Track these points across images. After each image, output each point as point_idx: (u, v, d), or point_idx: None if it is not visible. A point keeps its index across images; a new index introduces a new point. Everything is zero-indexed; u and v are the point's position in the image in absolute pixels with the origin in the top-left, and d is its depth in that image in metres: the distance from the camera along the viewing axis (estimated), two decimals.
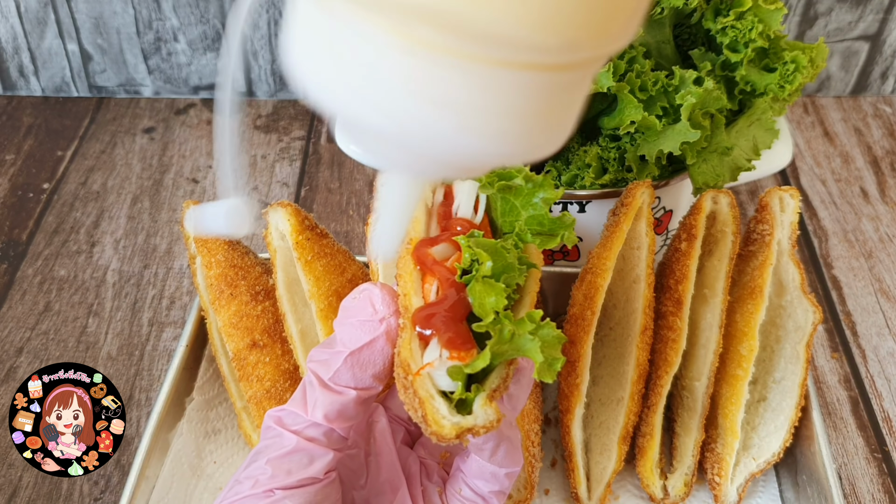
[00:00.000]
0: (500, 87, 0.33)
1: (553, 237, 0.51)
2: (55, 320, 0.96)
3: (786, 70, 0.77)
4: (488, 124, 0.34)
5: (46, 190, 1.14)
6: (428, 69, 0.32)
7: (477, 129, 0.34)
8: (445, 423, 0.45)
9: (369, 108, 0.34)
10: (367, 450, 0.57)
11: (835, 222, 1.09)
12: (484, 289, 0.47)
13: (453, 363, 0.46)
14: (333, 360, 0.50)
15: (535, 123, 0.35)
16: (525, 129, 0.35)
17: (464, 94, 0.33)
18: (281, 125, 1.25)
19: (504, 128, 0.34)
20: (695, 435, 0.76)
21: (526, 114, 0.34)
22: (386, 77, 0.33)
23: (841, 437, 0.86)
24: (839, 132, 1.23)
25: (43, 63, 1.26)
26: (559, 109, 0.36)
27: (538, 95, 0.34)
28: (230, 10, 1.19)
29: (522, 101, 0.34)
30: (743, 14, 0.77)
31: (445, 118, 0.33)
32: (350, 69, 0.34)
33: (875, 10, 1.19)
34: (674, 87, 0.75)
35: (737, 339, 0.75)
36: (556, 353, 0.46)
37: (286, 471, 0.49)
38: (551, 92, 0.34)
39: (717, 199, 0.77)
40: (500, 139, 0.35)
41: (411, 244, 0.51)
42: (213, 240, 0.78)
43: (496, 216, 0.53)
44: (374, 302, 0.50)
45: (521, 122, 0.35)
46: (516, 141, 0.35)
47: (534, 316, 0.46)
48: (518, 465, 0.55)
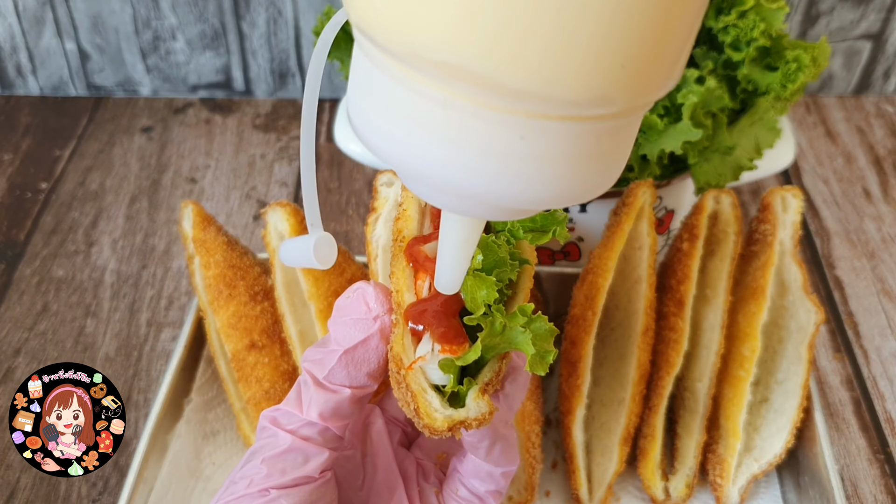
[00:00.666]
0: (540, 135, 0.33)
1: (545, 233, 0.51)
2: (53, 321, 0.96)
3: (788, 69, 0.77)
4: (532, 171, 0.34)
5: (44, 190, 1.13)
6: (466, 120, 0.33)
7: (522, 177, 0.35)
8: (437, 416, 0.45)
9: (410, 154, 0.35)
10: (363, 451, 0.57)
11: (837, 222, 1.09)
12: (475, 283, 0.47)
13: (445, 356, 0.46)
14: (328, 358, 0.50)
15: (580, 168, 0.35)
16: (570, 173, 0.35)
17: (503, 144, 0.33)
18: (280, 124, 1.25)
19: (549, 174, 0.35)
20: (696, 436, 0.75)
21: (569, 159, 0.35)
22: (428, 127, 0.34)
23: (843, 438, 0.86)
24: (841, 132, 1.23)
25: (41, 62, 1.26)
26: (606, 152, 0.36)
27: (580, 142, 0.34)
28: (228, 8, 1.19)
29: (564, 147, 0.34)
30: (745, 13, 0.77)
31: (488, 166, 0.34)
32: (394, 119, 0.35)
33: (878, 8, 1.18)
34: (675, 85, 0.75)
35: (739, 339, 0.75)
36: (549, 346, 0.46)
37: (281, 470, 0.49)
38: (594, 138, 0.35)
39: (720, 199, 0.76)
40: (545, 185, 0.35)
41: (404, 242, 0.51)
42: (211, 240, 0.78)
43: None
44: (367, 300, 0.50)
45: (564, 167, 0.35)
46: (563, 185, 0.36)
47: (525, 309, 0.46)
48: (514, 464, 0.55)
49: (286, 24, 1.21)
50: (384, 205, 0.68)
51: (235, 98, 1.29)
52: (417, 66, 0.32)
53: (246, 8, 1.19)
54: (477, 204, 0.38)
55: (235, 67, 1.26)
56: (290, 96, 1.29)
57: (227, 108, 1.27)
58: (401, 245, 0.51)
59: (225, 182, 1.15)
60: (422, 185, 0.38)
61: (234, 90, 1.28)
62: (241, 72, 1.26)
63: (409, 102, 0.34)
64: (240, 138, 1.22)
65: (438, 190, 0.38)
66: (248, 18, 1.20)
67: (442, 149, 0.34)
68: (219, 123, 1.25)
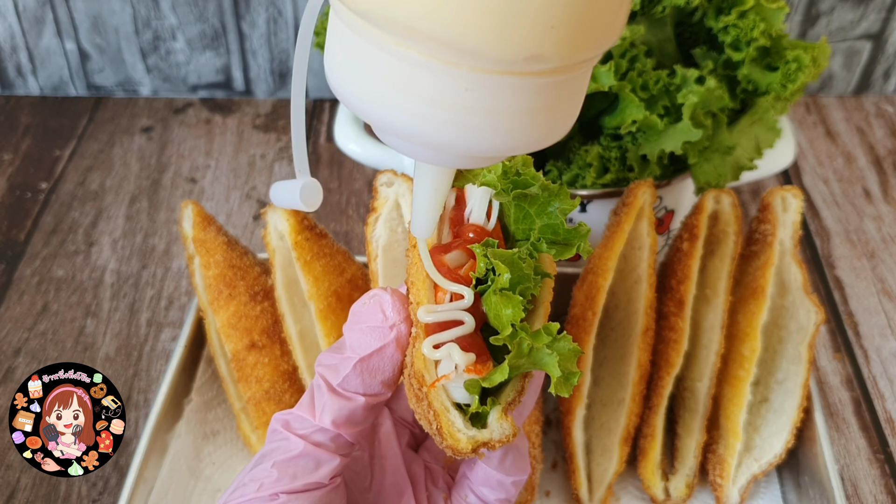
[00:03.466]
0: (483, 88, 0.37)
1: (569, 247, 0.50)
2: (53, 321, 0.96)
3: (788, 69, 0.77)
4: (480, 121, 0.38)
5: (44, 190, 1.13)
6: (418, 72, 0.37)
7: (471, 126, 0.38)
8: (461, 437, 0.45)
9: (375, 104, 0.39)
10: (371, 452, 0.57)
11: (837, 222, 1.09)
12: (501, 301, 0.46)
13: (470, 376, 0.46)
14: (342, 365, 0.50)
15: (526, 119, 0.39)
16: (516, 124, 0.39)
17: (451, 95, 0.37)
18: (280, 124, 1.25)
19: (495, 124, 0.38)
20: (696, 436, 0.75)
21: (513, 111, 0.38)
22: (387, 78, 0.38)
23: (843, 438, 0.86)
24: (841, 132, 1.23)
25: (41, 62, 1.26)
26: (552, 105, 0.39)
27: (522, 95, 0.38)
28: (228, 8, 1.19)
29: (506, 100, 0.38)
30: (745, 13, 0.77)
31: (440, 115, 0.38)
32: (360, 72, 0.39)
33: (878, 8, 1.18)
34: (676, 86, 0.75)
35: (739, 339, 0.75)
36: (573, 367, 0.46)
37: (292, 475, 0.49)
38: (536, 92, 0.38)
39: (720, 199, 0.76)
40: (494, 134, 0.39)
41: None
42: (211, 240, 0.78)
43: (509, 222, 0.52)
44: (384, 308, 0.50)
45: (510, 118, 0.38)
46: (511, 136, 0.39)
47: (550, 329, 0.46)
48: (525, 473, 0.55)
49: (286, 25, 1.21)
50: (384, 205, 0.68)
51: (235, 98, 1.29)
52: (375, 22, 0.36)
53: (246, 8, 1.19)
54: (440, 153, 0.41)
55: (235, 67, 1.26)
56: (291, 96, 1.29)
57: (227, 108, 1.28)
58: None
59: (225, 182, 1.15)
60: (390, 136, 0.42)
61: (234, 90, 1.28)
62: (241, 72, 1.26)
63: (371, 55, 0.37)
64: (240, 138, 1.22)
65: (404, 139, 0.41)
66: (249, 18, 1.20)
67: (399, 99, 0.38)
68: (219, 123, 1.25)
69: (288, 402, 0.76)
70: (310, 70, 1.26)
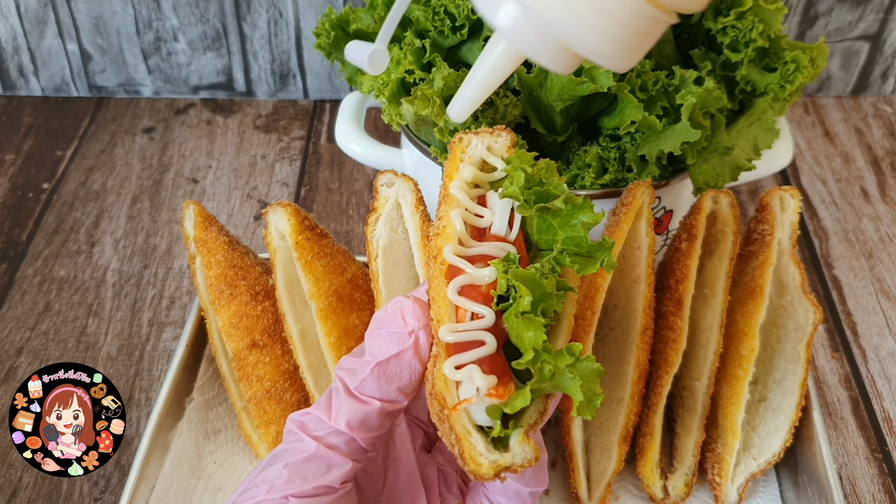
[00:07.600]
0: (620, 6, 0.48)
1: (592, 261, 0.49)
2: (55, 320, 0.96)
3: (786, 70, 0.77)
4: (602, 22, 0.48)
5: (46, 190, 1.13)
6: None
7: (592, 24, 0.48)
8: (483, 462, 0.44)
9: None
10: (385, 454, 0.57)
11: (835, 222, 1.09)
12: (522, 324, 0.46)
13: (492, 401, 0.45)
14: (361, 369, 0.51)
15: (626, 35, 0.49)
16: (619, 37, 0.48)
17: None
18: (281, 125, 1.25)
19: (612, 32, 0.48)
20: (695, 435, 0.76)
21: (623, 24, 0.48)
22: None
23: (841, 437, 0.86)
24: (839, 132, 1.23)
25: (43, 63, 1.26)
26: (640, 34, 0.50)
27: (637, 17, 0.48)
28: (230, 9, 1.19)
29: (627, 15, 0.48)
30: (743, 14, 0.77)
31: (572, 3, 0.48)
32: None
33: (875, 9, 1.19)
34: (674, 86, 0.75)
35: (737, 339, 0.75)
36: (596, 389, 0.45)
37: (303, 477, 0.49)
38: (644, 15, 0.48)
39: (718, 199, 0.77)
40: (605, 38, 0.48)
41: (444, 266, 0.50)
42: (212, 239, 0.78)
43: (532, 232, 0.51)
44: (404, 314, 0.50)
45: (619, 29, 0.48)
46: (614, 45, 0.49)
47: (573, 350, 0.45)
48: (543, 485, 0.54)
49: (287, 26, 1.21)
50: (384, 205, 0.69)
51: (237, 99, 1.29)
52: None
53: (247, 9, 1.19)
54: (539, 33, 0.50)
55: (237, 68, 1.26)
56: (291, 97, 1.30)
57: (229, 109, 1.28)
58: (441, 268, 0.50)
59: (226, 182, 1.15)
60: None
61: (235, 91, 1.29)
62: (242, 73, 1.26)
63: None
64: (241, 139, 1.23)
65: (520, 3, 0.49)
66: (250, 20, 1.20)
67: None
68: (220, 124, 1.25)
69: (289, 401, 0.77)
70: (310, 70, 1.27)
